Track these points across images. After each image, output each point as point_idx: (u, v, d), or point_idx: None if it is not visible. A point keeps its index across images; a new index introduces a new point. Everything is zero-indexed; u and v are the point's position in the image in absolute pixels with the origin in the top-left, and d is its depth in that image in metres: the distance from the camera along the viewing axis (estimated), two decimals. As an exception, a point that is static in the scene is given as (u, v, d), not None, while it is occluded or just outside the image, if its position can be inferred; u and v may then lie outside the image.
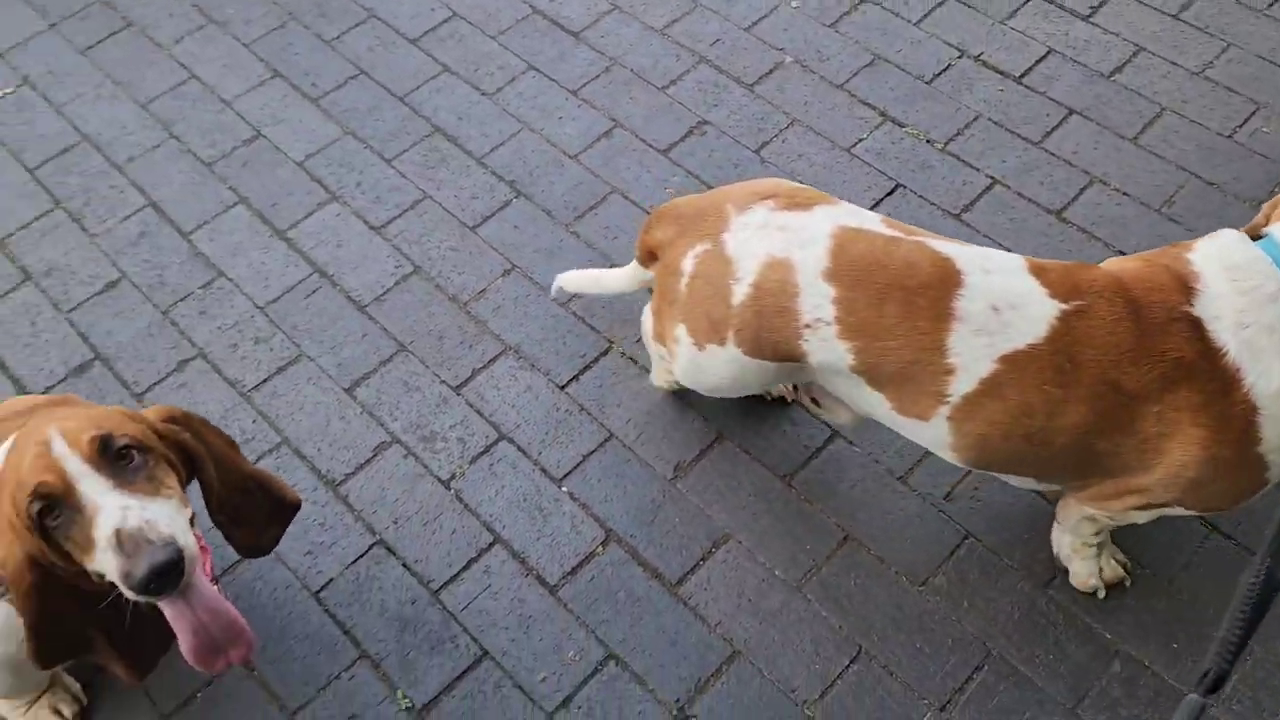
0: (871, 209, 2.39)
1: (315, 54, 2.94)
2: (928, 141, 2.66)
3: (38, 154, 2.75)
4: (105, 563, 1.34)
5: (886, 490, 2.11)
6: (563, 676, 1.92)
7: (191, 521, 1.45)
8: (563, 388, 2.28)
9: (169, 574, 1.32)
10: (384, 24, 3.01)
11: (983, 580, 1.99)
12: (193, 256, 2.53)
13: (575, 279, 2.20)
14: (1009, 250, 1.77)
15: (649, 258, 1.92)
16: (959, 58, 2.83)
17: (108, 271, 2.51)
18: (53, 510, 1.34)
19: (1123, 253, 2.36)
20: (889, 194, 2.58)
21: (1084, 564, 1.91)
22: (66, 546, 1.37)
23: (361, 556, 2.07)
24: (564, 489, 2.14)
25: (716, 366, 1.80)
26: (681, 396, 2.24)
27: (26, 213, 2.63)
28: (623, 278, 2.09)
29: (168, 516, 1.37)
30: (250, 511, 1.61)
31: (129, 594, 1.34)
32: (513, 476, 2.16)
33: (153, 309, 2.44)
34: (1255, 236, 1.60)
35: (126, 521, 1.32)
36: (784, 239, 1.67)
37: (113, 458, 1.38)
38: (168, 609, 1.41)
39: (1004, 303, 1.58)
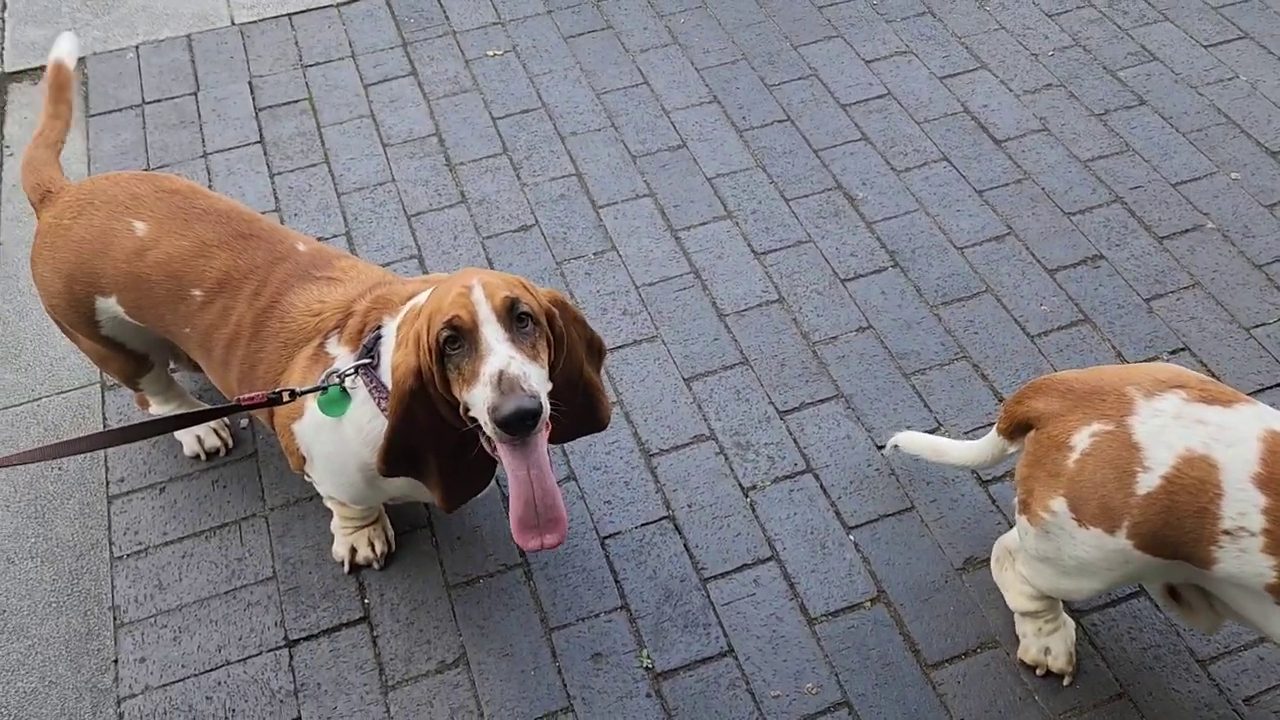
0: (1251, 394, 2.28)
1: (754, 92, 3.21)
2: (1340, 347, 2.49)
3: (503, 108, 3.19)
4: (479, 395, 1.55)
5: (1181, 668, 1.98)
6: (794, 701, 1.95)
7: None
8: (880, 448, 2.33)
9: (527, 419, 1.50)
10: (823, 85, 3.23)
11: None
12: (596, 226, 2.84)
13: (914, 442, 2.17)
14: None
15: (1017, 429, 1.84)
16: (1403, 277, 2.62)
17: (525, 216, 2.87)
18: (455, 341, 1.59)
19: None
20: (1273, 386, 2.43)
21: None
22: (451, 375, 1.61)
23: (651, 523, 2.22)
24: (851, 537, 2.19)
25: (1090, 551, 1.68)
26: (991, 492, 2.23)
27: (480, 150, 3.05)
28: (972, 451, 2.01)
29: (538, 378, 1.59)
30: (573, 404, 1.77)
31: (488, 426, 1.55)
32: (807, 508, 2.23)
33: (550, 258, 2.76)
34: None
35: (509, 367, 1.53)
36: (1205, 434, 1.57)
37: (513, 318, 1.60)
38: (509, 461, 1.60)
39: None
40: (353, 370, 1.74)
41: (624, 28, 3.45)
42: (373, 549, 2.13)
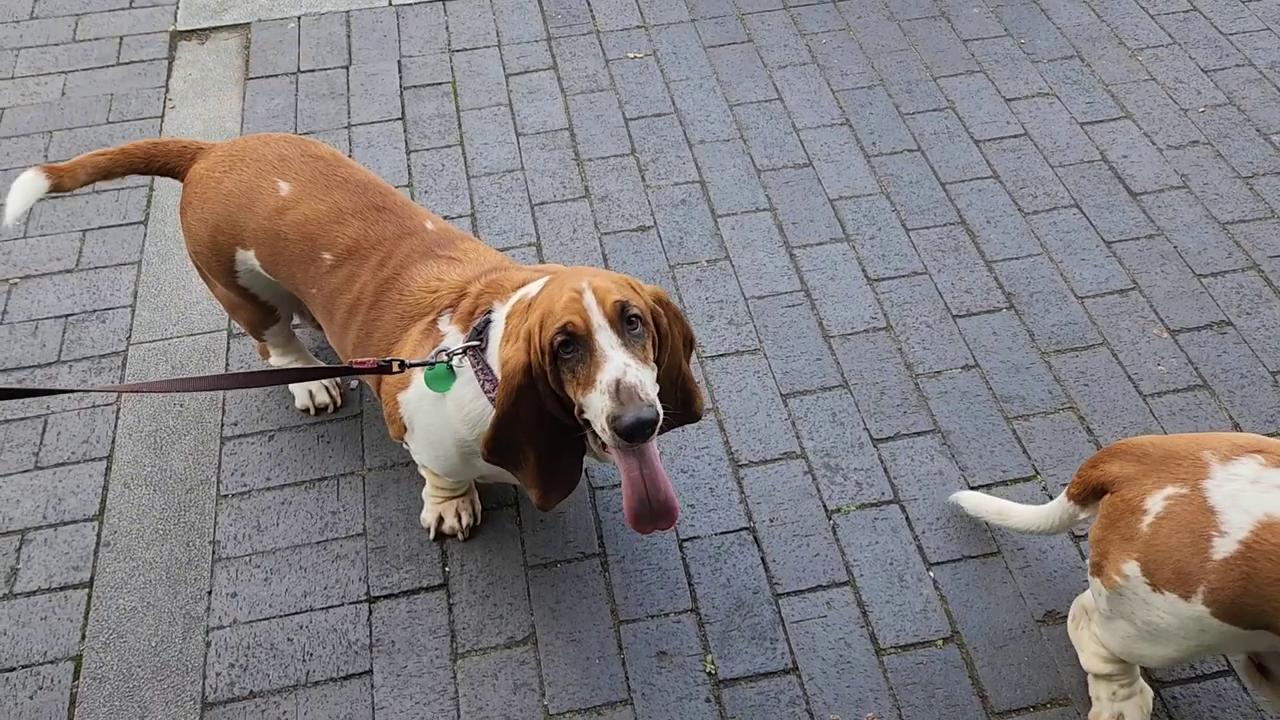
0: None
1: (886, 119, 3.19)
2: None
3: (636, 109, 3.25)
4: (596, 402, 1.60)
5: (1262, 756, 1.90)
6: (853, 729, 1.95)
7: None
8: (973, 489, 2.29)
9: (646, 428, 1.56)
10: (958, 118, 3.19)
11: None
12: (713, 235, 2.86)
13: (977, 503, 2.14)
14: None
15: (1090, 494, 1.80)
16: None
17: (644, 217, 2.91)
18: (569, 345, 1.63)
19: None
20: (1406, 478, 2.30)
21: None
22: (564, 376, 1.65)
23: (731, 532, 2.23)
24: (931, 574, 2.16)
25: (1164, 617, 1.64)
26: (1082, 548, 2.17)
27: (609, 149, 3.12)
28: (1039, 516, 1.98)
29: (651, 382, 1.63)
30: (670, 400, 1.80)
31: (605, 433, 1.60)
32: (890, 539, 2.22)
33: (664, 260, 2.80)
34: None
35: (626, 376, 1.58)
36: None
37: (624, 321, 1.64)
38: (623, 462, 1.65)
39: None
40: (461, 350, 1.80)
41: (765, 43, 3.48)
42: (459, 520, 2.20)
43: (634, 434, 1.56)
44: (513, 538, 2.23)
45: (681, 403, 1.85)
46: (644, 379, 1.60)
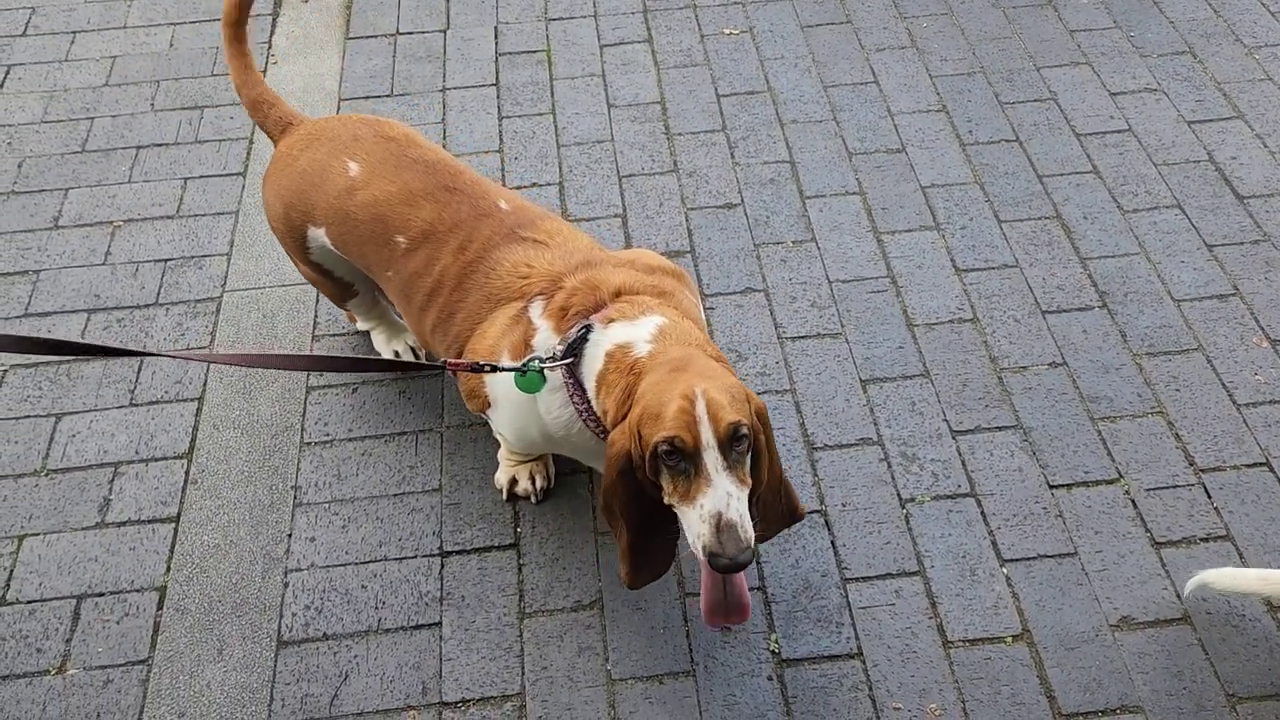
0: None
1: (985, 107, 3.13)
2: None
3: (729, 86, 3.23)
4: (693, 522, 1.61)
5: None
6: (915, 718, 1.93)
7: None
8: (1053, 488, 2.25)
9: (739, 570, 1.59)
10: (1060, 110, 3.11)
11: None
12: (800, 216, 2.84)
13: (1234, 580, 1.96)
14: None
15: None
16: None
17: (732, 195, 2.90)
18: (672, 455, 1.61)
19: None
20: None
21: None
22: (662, 480, 1.65)
23: (802, 514, 2.22)
24: (1004, 570, 2.13)
25: None
26: (1163, 555, 2.12)
27: (700, 125, 3.10)
28: None
29: (747, 510, 1.62)
30: (774, 512, 1.83)
31: (696, 549, 1.62)
32: (964, 531, 2.19)
33: (749, 239, 2.78)
34: None
35: (729, 510, 1.58)
36: None
37: (733, 441, 1.61)
38: (707, 569, 1.68)
39: None
40: (554, 364, 1.79)
41: (864, 24, 3.42)
42: (533, 483, 2.22)
43: (728, 573, 1.61)
44: (585, 505, 2.25)
45: (785, 512, 1.86)
46: (744, 511, 1.60)
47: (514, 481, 2.24)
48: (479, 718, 1.94)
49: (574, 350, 1.79)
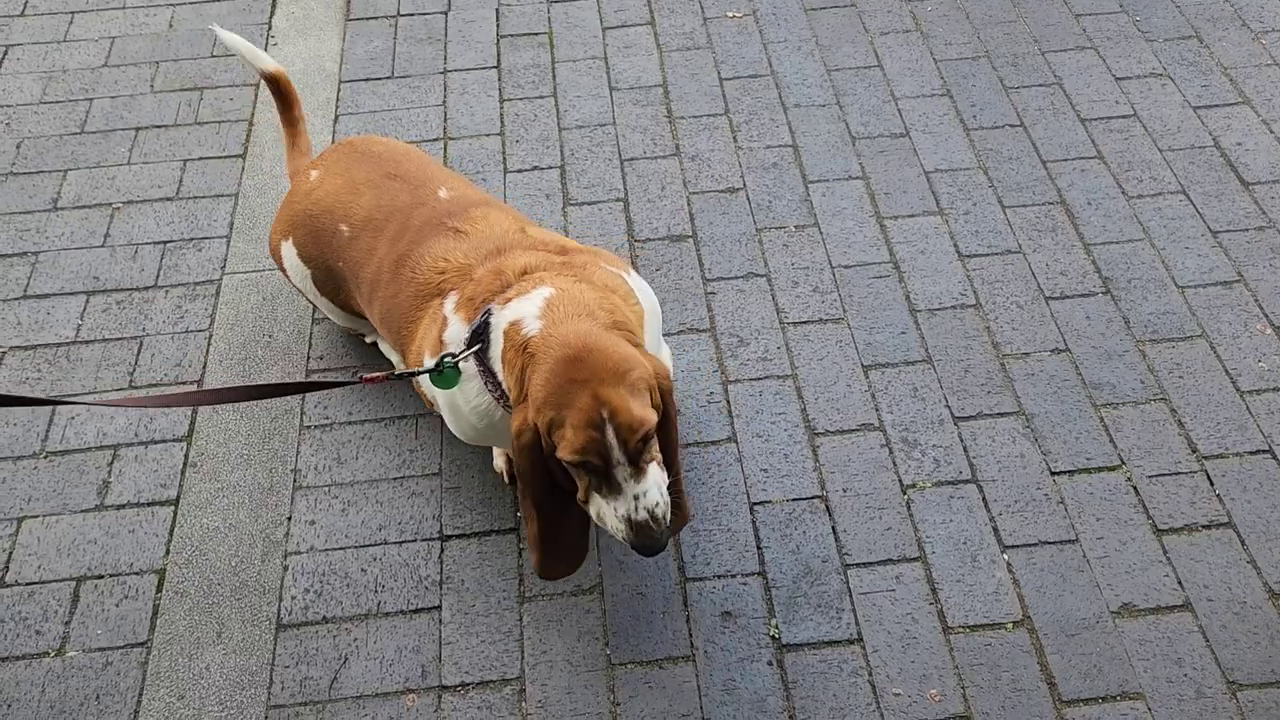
0: None
1: (989, 92, 3.11)
2: None
3: (732, 70, 3.20)
4: (607, 517, 1.66)
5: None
6: (915, 703, 1.93)
7: None
8: (1054, 474, 2.25)
9: (660, 549, 1.67)
10: (1064, 95, 3.09)
11: None
12: (802, 200, 2.82)
13: None
14: None
15: None
16: None
17: (734, 179, 2.88)
18: (580, 466, 1.63)
19: None
20: None
21: None
22: (575, 473, 1.66)
23: (802, 499, 2.22)
24: (1005, 556, 2.13)
25: None
26: (1165, 543, 2.12)
27: (702, 108, 3.08)
28: None
29: (659, 491, 1.65)
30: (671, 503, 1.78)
31: (616, 535, 1.67)
32: (965, 518, 2.18)
33: (750, 222, 2.77)
34: None
35: (638, 512, 1.64)
36: None
37: (641, 446, 1.62)
38: None
39: None
40: (461, 355, 1.76)
41: (867, 7, 3.40)
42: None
43: (649, 555, 1.67)
44: (585, 488, 2.24)
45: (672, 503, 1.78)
46: (655, 497, 1.64)
47: (510, 461, 2.23)
48: (478, 701, 1.94)
49: (480, 337, 1.75)
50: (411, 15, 3.40)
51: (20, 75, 3.25)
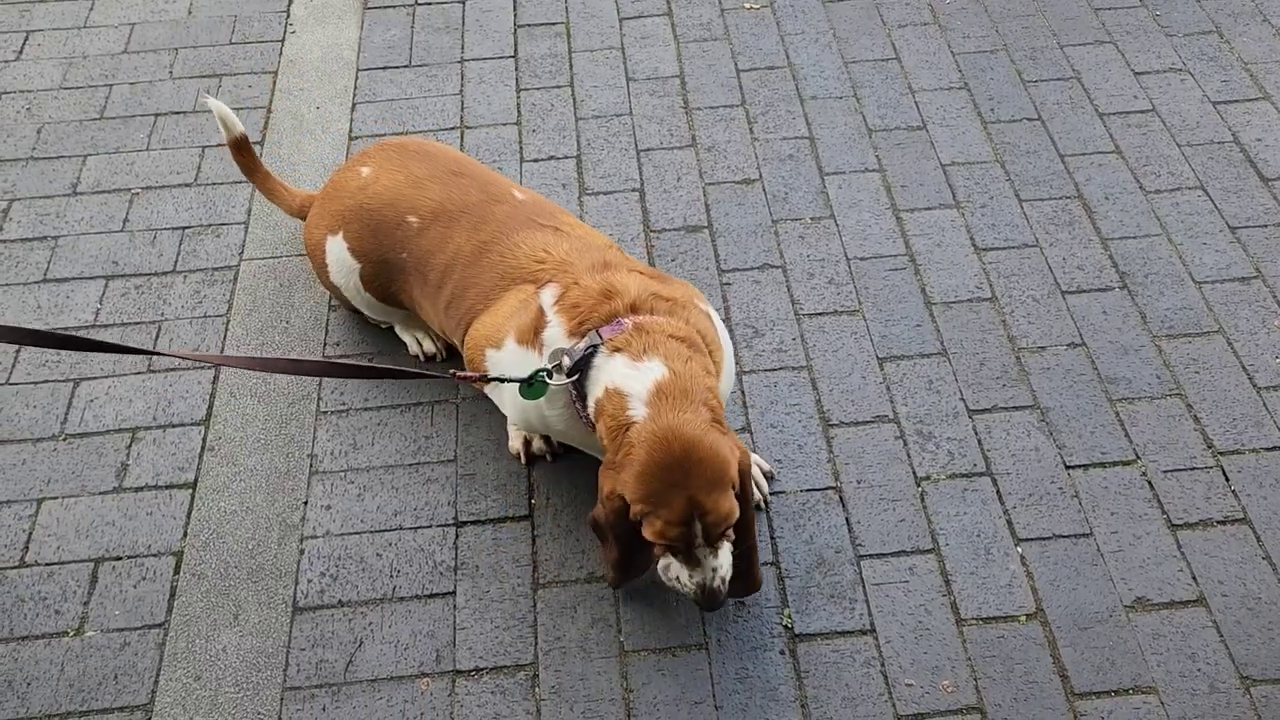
0: None
1: (1007, 85, 3.10)
2: None
3: (749, 61, 3.20)
4: (683, 581, 1.83)
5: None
6: (927, 695, 1.93)
7: None
8: (1069, 468, 2.24)
9: (719, 608, 1.87)
10: (1083, 89, 3.08)
11: None
12: (819, 192, 2.82)
13: None
14: None
15: None
16: None
17: (750, 170, 2.88)
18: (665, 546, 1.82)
19: None
20: None
21: None
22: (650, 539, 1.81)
23: (816, 490, 2.22)
24: (1019, 549, 2.13)
25: None
26: (1179, 538, 2.11)
27: (719, 99, 3.08)
28: None
29: (728, 567, 1.83)
30: (742, 572, 1.92)
31: (683, 593, 1.86)
32: (979, 510, 2.18)
33: (767, 214, 2.77)
34: None
35: (711, 583, 1.81)
36: None
37: (723, 533, 1.80)
38: None
39: None
40: (560, 383, 1.86)
41: (885, 0, 3.39)
42: (547, 442, 2.23)
43: (712, 611, 1.88)
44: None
45: (748, 581, 1.96)
46: (726, 573, 1.82)
47: (528, 443, 2.25)
48: (492, 686, 1.95)
49: (580, 367, 1.85)
50: (429, 4, 3.41)
51: (41, 61, 3.26)
